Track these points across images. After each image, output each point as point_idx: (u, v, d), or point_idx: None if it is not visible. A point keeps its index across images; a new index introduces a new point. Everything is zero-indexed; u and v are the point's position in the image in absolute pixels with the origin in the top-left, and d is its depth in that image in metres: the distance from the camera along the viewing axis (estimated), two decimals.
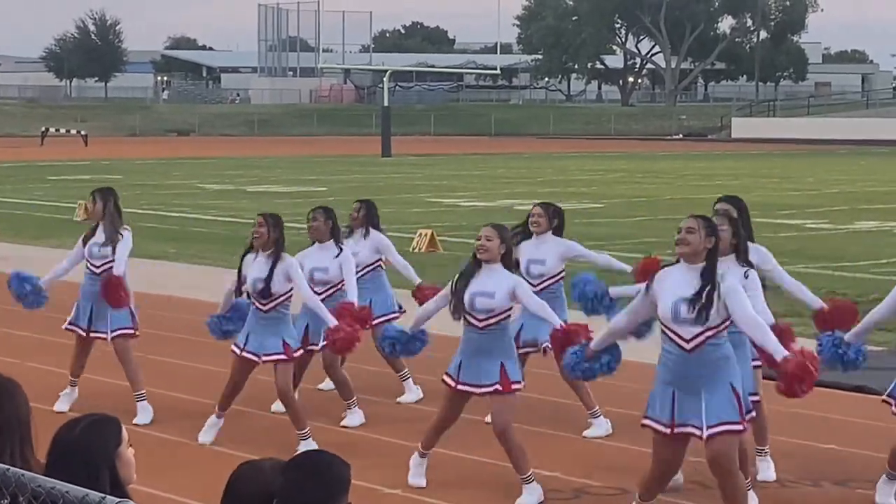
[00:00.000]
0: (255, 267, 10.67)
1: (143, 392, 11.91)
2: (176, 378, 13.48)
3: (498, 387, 9.25)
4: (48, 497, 3.85)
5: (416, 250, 23.70)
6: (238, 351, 10.80)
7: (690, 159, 65.03)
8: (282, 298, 10.66)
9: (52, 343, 14.73)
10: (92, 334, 12.03)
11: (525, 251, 11.23)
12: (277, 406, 11.95)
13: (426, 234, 24.62)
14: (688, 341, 8.05)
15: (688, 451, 8.49)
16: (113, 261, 11.86)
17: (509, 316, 9.48)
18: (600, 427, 11.36)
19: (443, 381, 9.55)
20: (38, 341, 15.20)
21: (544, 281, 11.22)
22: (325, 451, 4.53)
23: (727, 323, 8.09)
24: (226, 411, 10.96)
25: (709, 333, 8.04)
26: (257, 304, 10.71)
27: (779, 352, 7.98)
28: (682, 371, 8.09)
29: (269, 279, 10.57)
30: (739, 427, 8.09)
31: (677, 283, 8.12)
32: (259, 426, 11.42)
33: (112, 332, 11.92)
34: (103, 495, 3.74)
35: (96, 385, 12.60)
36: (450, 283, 9.48)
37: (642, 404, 8.42)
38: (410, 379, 12.79)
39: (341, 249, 11.82)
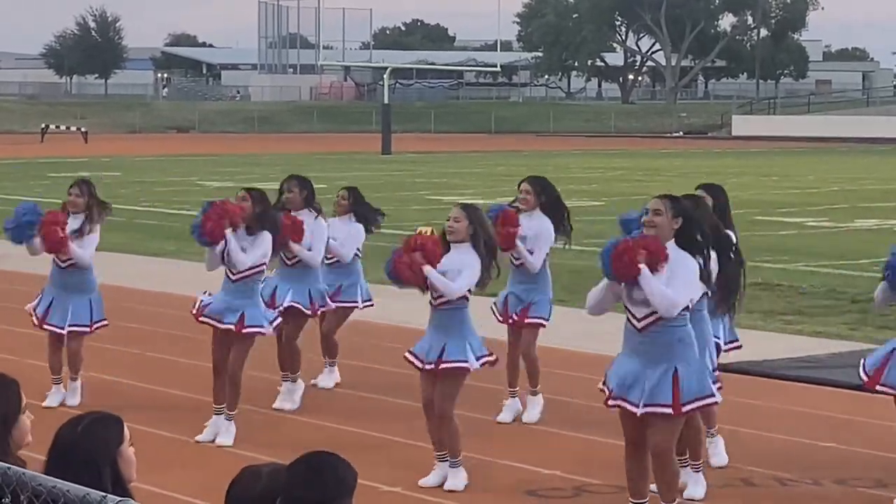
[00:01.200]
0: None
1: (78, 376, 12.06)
2: (176, 375, 13.47)
3: (430, 366, 9.37)
4: (49, 496, 3.85)
5: None
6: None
7: (691, 157, 65.00)
8: (249, 272, 11.18)
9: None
10: (46, 326, 12.07)
11: None
12: (280, 403, 11.99)
13: (426, 232, 24.59)
14: (639, 320, 8.24)
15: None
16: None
17: (464, 297, 9.52)
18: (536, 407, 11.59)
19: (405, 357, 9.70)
20: (38, 339, 15.17)
21: None
22: (331, 453, 4.52)
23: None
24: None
25: (657, 315, 8.18)
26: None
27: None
28: (634, 346, 8.30)
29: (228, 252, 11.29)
30: (670, 411, 8.17)
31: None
32: (259, 424, 11.41)
33: (69, 326, 11.99)
34: (104, 494, 3.74)
35: (97, 383, 12.59)
36: None
37: None
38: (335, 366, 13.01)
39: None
